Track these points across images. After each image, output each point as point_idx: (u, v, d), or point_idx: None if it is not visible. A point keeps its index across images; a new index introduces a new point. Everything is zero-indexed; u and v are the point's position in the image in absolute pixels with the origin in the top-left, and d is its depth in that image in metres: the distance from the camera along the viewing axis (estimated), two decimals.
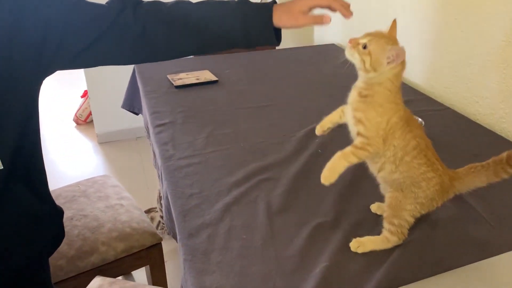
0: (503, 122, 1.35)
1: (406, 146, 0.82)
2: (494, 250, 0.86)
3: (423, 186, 0.83)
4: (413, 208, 0.84)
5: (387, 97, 0.82)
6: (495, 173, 0.82)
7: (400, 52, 0.78)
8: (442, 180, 0.84)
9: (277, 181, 1.10)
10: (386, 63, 0.78)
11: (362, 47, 0.80)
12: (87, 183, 1.61)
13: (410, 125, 0.83)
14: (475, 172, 0.84)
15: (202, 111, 1.49)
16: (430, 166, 0.83)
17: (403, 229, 0.85)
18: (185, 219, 0.96)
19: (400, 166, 0.83)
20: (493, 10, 1.32)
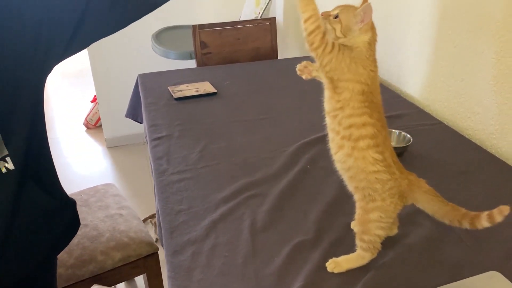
0: (493, 138, 1.37)
1: (361, 127, 0.83)
2: (468, 271, 0.89)
3: (378, 189, 0.84)
4: (378, 217, 0.85)
5: (362, 59, 0.83)
6: (445, 214, 0.84)
7: (367, 8, 0.81)
8: (398, 184, 0.84)
9: (264, 198, 1.14)
10: (357, 28, 0.82)
11: (333, 17, 0.85)
12: (90, 192, 1.67)
13: (372, 111, 0.84)
14: (433, 198, 0.85)
15: (199, 124, 1.54)
16: (386, 167, 0.84)
17: (375, 244, 0.87)
18: (172, 235, 1.01)
19: (355, 150, 0.84)
20: (483, 27, 1.34)
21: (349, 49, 0.84)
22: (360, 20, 0.82)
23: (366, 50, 0.84)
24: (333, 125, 0.88)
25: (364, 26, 0.83)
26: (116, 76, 2.98)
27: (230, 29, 2.35)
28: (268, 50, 2.42)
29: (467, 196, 1.12)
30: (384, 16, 1.83)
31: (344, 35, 0.84)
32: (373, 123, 0.84)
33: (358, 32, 0.83)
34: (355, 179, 0.87)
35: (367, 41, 0.84)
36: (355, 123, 0.84)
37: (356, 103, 0.84)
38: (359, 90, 0.84)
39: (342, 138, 0.86)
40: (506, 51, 1.27)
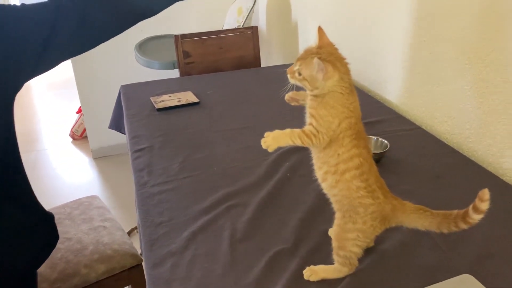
0: (469, 141, 1.39)
1: (349, 160, 0.84)
2: (442, 275, 0.90)
3: (360, 212, 0.85)
4: (355, 236, 0.86)
5: (339, 98, 0.84)
6: (438, 225, 0.83)
7: (318, 65, 0.81)
8: (381, 209, 0.85)
9: (245, 207, 1.15)
10: (321, 77, 0.82)
11: (297, 74, 0.86)
12: (73, 205, 1.67)
13: (359, 141, 0.85)
14: (422, 215, 0.85)
15: (180, 134, 1.55)
16: (370, 193, 0.84)
17: (351, 260, 0.88)
18: (152, 248, 1.01)
19: (340, 182, 0.85)
20: (456, 34, 1.37)
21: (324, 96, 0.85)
22: (320, 71, 0.82)
23: (341, 88, 0.84)
24: (316, 162, 0.90)
25: (326, 74, 0.82)
26: (101, 87, 2.98)
27: (213, 38, 2.36)
28: (251, 58, 2.44)
29: (443, 200, 1.14)
30: (364, 25, 1.86)
31: (315, 87, 0.84)
32: (359, 153, 0.85)
33: (323, 80, 0.83)
34: (339, 203, 0.88)
35: (337, 81, 0.84)
36: (344, 159, 0.85)
37: (346, 139, 0.85)
38: (347, 126, 0.84)
39: (326, 173, 0.87)
40: (478, 57, 1.30)
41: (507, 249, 0.98)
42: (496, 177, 1.25)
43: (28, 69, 0.92)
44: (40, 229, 1.09)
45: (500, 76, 1.24)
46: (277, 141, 0.87)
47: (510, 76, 1.21)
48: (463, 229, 0.81)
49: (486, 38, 1.26)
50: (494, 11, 1.22)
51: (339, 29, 2.05)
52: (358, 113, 0.87)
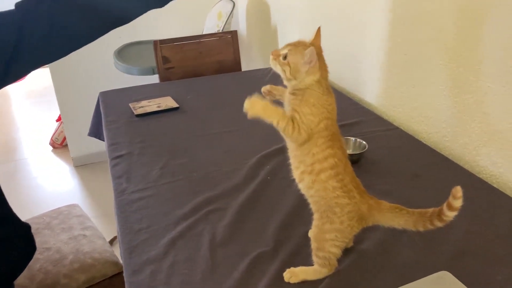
0: (446, 140, 1.42)
1: (324, 161, 0.85)
2: (420, 272, 0.91)
3: (337, 212, 0.86)
4: (333, 237, 0.87)
5: (319, 98, 0.85)
6: (414, 223, 0.84)
7: (311, 53, 0.82)
8: (357, 208, 0.86)
9: (225, 212, 1.14)
10: (304, 71, 0.84)
11: (282, 58, 0.86)
12: (52, 214, 1.65)
13: (334, 142, 0.86)
14: (398, 214, 0.86)
15: (160, 140, 1.54)
16: (346, 193, 0.85)
17: (330, 260, 0.88)
18: (131, 255, 1.00)
19: (316, 183, 0.86)
20: (429, 35, 1.39)
21: (304, 94, 0.85)
22: (307, 62, 0.83)
23: (318, 88, 0.85)
24: (293, 159, 0.90)
25: (311, 68, 0.84)
26: (80, 94, 2.95)
27: (192, 43, 2.36)
28: (231, 62, 2.44)
29: (420, 199, 1.16)
30: (341, 28, 1.88)
31: (293, 77, 0.85)
32: (334, 153, 0.86)
33: (305, 74, 0.84)
34: (316, 204, 0.89)
35: (315, 81, 0.85)
36: (318, 159, 0.86)
37: (321, 140, 0.86)
38: (324, 127, 0.85)
39: (302, 173, 0.88)
40: (452, 57, 1.32)
41: (483, 245, 0.99)
42: (473, 174, 1.27)
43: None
44: (16, 241, 1.07)
45: (472, 75, 1.26)
46: (258, 111, 0.87)
47: (482, 76, 1.23)
48: (439, 226, 0.82)
49: (458, 39, 1.28)
50: (465, 14, 1.25)
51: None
52: (334, 115, 0.89)
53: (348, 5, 1.79)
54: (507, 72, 1.15)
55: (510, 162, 1.20)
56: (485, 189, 1.21)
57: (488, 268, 0.92)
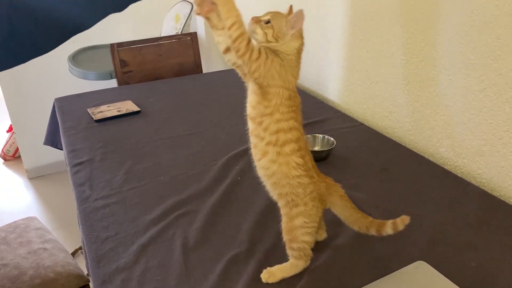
0: (410, 134, 1.44)
1: (288, 131, 0.84)
2: (396, 264, 0.91)
3: (300, 193, 0.85)
4: (302, 223, 0.86)
5: (290, 62, 0.85)
6: (353, 222, 0.88)
7: (299, 15, 0.82)
8: (317, 188, 0.86)
9: (196, 215, 1.11)
10: (289, 33, 0.84)
11: (264, 22, 0.85)
12: (8, 229, 1.55)
13: (296, 115, 0.86)
14: (346, 206, 0.88)
15: (122, 145, 1.48)
16: (306, 171, 0.85)
17: (305, 251, 0.87)
18: (99, 265, 0.95)
19: (280, 156, 0.84)
20: (391, 31, 1.41)
21: (277, 56, 0.84)
22: (292, 26, 0.83)
23: (296, 58, 0.86)
24: (257, 131, 0.87)
25: (296, 33, 0.84)
26: (32, 102, 2.81)
27: (151, 45, 2.30)
28: (192, 65, 2.40)
29: (389, 192, 1.17)
30: None
31: (276, 39, 0.84)
32: (297, 126, 0.86)
33: (290, 38, 0.84)
34: (278, 185, 0.87)
35: (296, 48, 0.85)
36: (283, 128, 0.84)
37: (285, 108, 0.84)
38: (287, 96, 0.84)
39: (267, 144, 0.86)
40: (413, 52, 1.35)
41: (453, 233, 1.01)
42: (437, 166, 1.29)
43: None
44: None
45: (434, 69, 1.29)
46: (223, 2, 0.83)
47: (443, 69, 1.26)
48: (371, 234, 0.87)
49: (419, 35, 1.31)
50: (424, 9, 1.27)
51: None
52: (296, 94, 0.87)
53: (306, 3, 1.80)
54: (467, 65, 1.18)
55: (473, 153, 1.23)
56: (451, 179, 1.24)
57: (461, 256, 0.94)
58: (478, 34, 1.13)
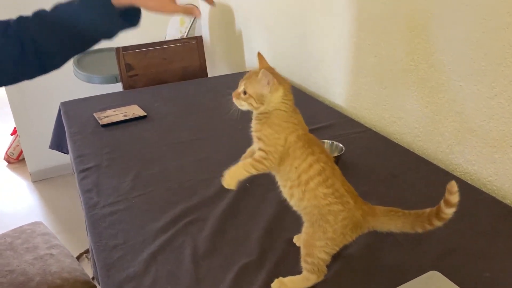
0: (419, 140, 1.43)
1: (309, 169, 0.83)
2: (409, 274, 0.90)
3: (330, 220, 0.83)
4: (324, 244, 0.84)
5: (283, 116, 0.85)
6: (412, 225, 0.83)
7: (263, 73, 0.82)
8: (352, 215, 0.83)
9: (205, 222, 1.10)
10: (267, 91, 0.84)
11: (243, 94, 0.86)
12: (14, 234, 1.54)
13: (313, 148, 0.85)
14: (394, 217, 0.84)
15: (129, 150, 1.47)
16: (339, 198, 0.83)
17: (319, 266, 0.86)
18: (108, 273, 0.94)
19: (306, 193, 0.83)
20: (400, 36, 1.40)
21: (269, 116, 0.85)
22: (264, 85, 0.84)
23: (284, 106, 0.85)
24: (277, 178, 0.88)
25: (272, 86, 0.84)
26: (37, 106, 2.81)
27: (156, 49, 2.30)
28: (197, 68, 2.39)
29: (399, 199, 1.16)
30: (307, 32, 1.88)
31: (261, 103, 0.85)
32: (317, 159, 0.84)
33: (270, 94, 0.84)
34: (309, 215, 0.86)
35: (281, 97, 0.85)
36: (303, 169, 0.83)
37: (298, 151, 0.84)
38: (294, 139, 0.84)
39: (291, 188, 0.86)
40: (423, 58, 1.34)
41: (467, 243, 1.00)
42: (448, 172, 1.28)
43: None
44: None
45: (444, 75, 1.28)
46: (234, 177, 0.88)
47: (453, 75, 1.25)
48: (438, 226, 0.81)
49: (429, 40, 1.30)
50: (435, 14, 1.26)
51: (283, 36, 2.06)
52: (303, 126, 0.88)
53: (313, 7, 1.79)
54: (478, 71, 1.17)
55: (484, 160, 1.22)
56: (461, 186, 1.21)
57: (475, 266, 0.93)
58: (490, 40, 1.12)
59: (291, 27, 2.00)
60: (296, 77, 2.01)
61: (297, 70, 1.98)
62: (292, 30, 2.00)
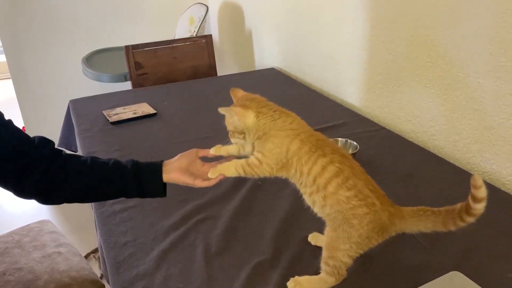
0: (434, 139, 1.40)
1: (323, 172, 0.78)
2: (429, 274, 0.87)
3: (355, 225, 0.78)
4: (348, 248, 0.80)
5: (275, 125, 0.83)
6: (444, 223, 0.78)
7: (223, 111, 0.86)
8: (378, 218, 0.78)
9: (216, 220, 1.07)
10: (239, 122, 0.86)
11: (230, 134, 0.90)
12: (22, 232, 1.52)
13: (323, 149, 0.80)
14: (423, 216, 0.79)
15: (139, 148, 1.45)
16: (363, 200, 0.77)
17: (340, 270, 0.82)
18: (118, 271, 0.92)
19: (328, 198, 0.79)
20: (415, 33, 1.37)
21: (264, 134, 0.84)
22: (233, 117, 0.85)
23: (266, 119, 0.84)
24: (300, 188, 0.85)
25: (238, 115, 0.85)
26: (45, 105, 2.81)
27: (165, 48, 2.28)
28: (206, 67, 2.37)
29: (416, 199, 1.13)
30: (318, 30, 1.85)
31: (243, 133, 0.86)
32: (330, 160, 0.79)
33: (243, 123, 0.85)
34: (333, 220, 0.81)
35: (255, 117, 0.84)
36: (317, 173, 0.79)
37: (304, 156, 0.80)
38: (298, 146, 0.81)
39: (310, 194, 0.82)
40: (439, 54, 1.31)
41: (488, 242, 0.96)
42: (465, 171, 1.25)
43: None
44: None
45: (461, 72, 1.25)
46: (222, 170, 0.90)
47: (471, 71, 1.22)
48: (470, 222, 0.77)
49: (446, 36, 1.27)
50: (452, 9, 1.23)
51: (293, 35, 2.04)
52: (305, 128, 0.84)
53: (324, 4, 1.77)
54: (497, 67, 1.14)
55: (503, 158, 1.18)
56: None
57: (496, 266, 0.89)
58: (511, 35, 1.09)
59: (302, 25, 1.97)
60: (307, 76, 1.99)
61: (308, 69, 1.96)
62: (302, 28, 1.98)
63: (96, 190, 0.92)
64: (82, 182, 0.91)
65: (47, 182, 0.87)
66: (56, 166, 0.88)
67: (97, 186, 0.92)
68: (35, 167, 0.86)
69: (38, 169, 0.86)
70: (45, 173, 0.87)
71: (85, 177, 0.91)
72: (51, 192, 0.89)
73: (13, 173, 0.85)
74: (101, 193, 0.94)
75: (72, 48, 2.75)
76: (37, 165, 0.87)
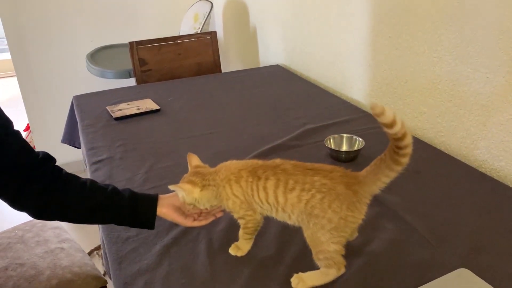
0: (441, 136, 1.38)
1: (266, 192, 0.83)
2: (436, 272, 0.86)
3: (319, 214, 0.77)
4: (329, 236, 0.78)
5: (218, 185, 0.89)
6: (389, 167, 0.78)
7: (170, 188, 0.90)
8: (335, 194, 0.76)
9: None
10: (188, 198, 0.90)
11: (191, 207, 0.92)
12: (25, 227, 1.52)
13: (254, 174, 0.84)
14: (375, 168, 0.78)
15: (142, 143, 1.44)
16: (311, 190, 0.78)
17: (334, 259, 0.80)
18: (120, 266, 0.91)
19: (285, 208, 0.82)
20: (422, 28, 1.35)
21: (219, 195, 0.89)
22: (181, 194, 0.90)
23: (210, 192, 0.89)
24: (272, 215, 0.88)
25: (185, 191, 0.89)
26: (50, 102, 2.80)
27: (170, 44, 2.27)
28: (211, 64, 2.36)
29: (423, 196, 1.11)
30: (324, 27, 1.83)
31: (196, 203, 0.90)
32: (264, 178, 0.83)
33: (192, 197, 0.89)
34: (303, 221, 0.82)
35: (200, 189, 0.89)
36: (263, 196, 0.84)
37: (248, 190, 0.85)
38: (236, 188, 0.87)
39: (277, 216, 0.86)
40: (446, 49, 1.29)
41: (494, 240, 0.94)
42: (473, 168, 1.23)
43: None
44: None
45: (469, 67, 1.23)
46: (244, 247, 0.93)
47: (479, 66, 1.20)
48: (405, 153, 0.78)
49: (454, 30, 1.25)
50: (456, 3, 1.21)
51: (298, 31, 2.02)
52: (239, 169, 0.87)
53: (329, 2, 1.75)
54: (507, 62, 1.12)
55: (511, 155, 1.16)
56: (487, 182, 1.17)
57: (504, 264, 0.87)
58: None
59: (307, 21, 1.96)
60: (312, 72, 1.97)
61: (313, 66, 1.94)
62: (308, 25, 1.96)
63: (91, 213, 0.92)
64: (79, 204, 0.91)
65: (45, 198, 0.87)
66: (56, 184, 0.88)
67: (93, 210, 0.92)
68: (36, 181, 0.86)
69: (38, 184, 0.86)
70: (45, 189, 0.86)
71: (83, 200, 0.91)
72: (47, 209, 0.89)
73: (14, 183, 0.84)
74: (95, 217, 0.93)
75: (76, 45, 2.74)
76: (38, 179, 0.86)
